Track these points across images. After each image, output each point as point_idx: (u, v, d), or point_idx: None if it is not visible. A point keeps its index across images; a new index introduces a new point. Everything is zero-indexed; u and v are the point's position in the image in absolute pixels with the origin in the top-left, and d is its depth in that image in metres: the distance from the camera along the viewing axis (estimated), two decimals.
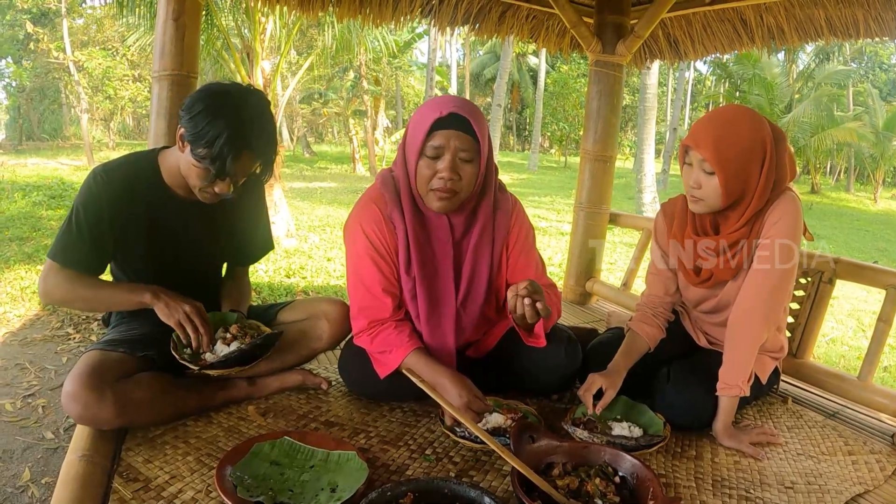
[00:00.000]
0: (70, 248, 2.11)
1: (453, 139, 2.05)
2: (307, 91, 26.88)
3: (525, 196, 18.49)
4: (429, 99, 2.22)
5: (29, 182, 13.82)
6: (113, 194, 2.11)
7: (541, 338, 2.23)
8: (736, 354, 2.25)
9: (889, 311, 2.75)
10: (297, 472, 1.89)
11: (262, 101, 2.13)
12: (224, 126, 1.97)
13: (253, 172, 2.14)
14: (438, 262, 2.27)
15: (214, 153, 1.98)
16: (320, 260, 8.41)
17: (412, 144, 2.11)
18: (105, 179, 2.11)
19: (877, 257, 12.95)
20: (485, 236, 2.30)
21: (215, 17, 8.87)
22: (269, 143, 2.12)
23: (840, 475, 2.14)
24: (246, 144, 2.02)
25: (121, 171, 2.15)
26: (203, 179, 2.06)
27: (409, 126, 2.17)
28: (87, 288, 2.16)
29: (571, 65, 32.60)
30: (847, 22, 3.96)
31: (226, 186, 2.08)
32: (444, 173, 2.06)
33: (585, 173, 4.26)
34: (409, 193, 2.20)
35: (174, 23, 2.93)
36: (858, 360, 2.78)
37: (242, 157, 2.03)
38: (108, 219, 2.12)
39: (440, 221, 2.26)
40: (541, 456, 1.90)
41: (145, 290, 2.13)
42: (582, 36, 4.02)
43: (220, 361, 2.12)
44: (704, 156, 2.13)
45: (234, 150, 1.99)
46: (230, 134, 1.97)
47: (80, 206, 2.10)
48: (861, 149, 26.67)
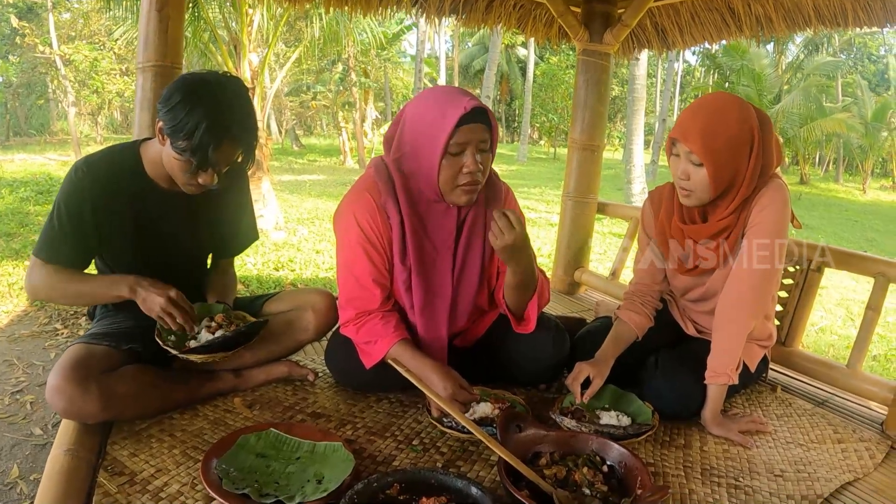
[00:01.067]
0: (53, 244, 2.10)
1: (477, 132, 2.04)
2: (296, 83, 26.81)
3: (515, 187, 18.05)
4: (429, 92, 2.16)
5: (16, 178, 13.73)
6: (95, 188, 2.09)
7: (530, 322, 2.22)
8: (724, 343, 2.25)
9: (877, 299, 2.75)
10: (284, 463, 1.88)
11: (240, 87, 2.10)
12: (202, 115, 1.94)
13: (235, 161, 2.11)
14: (438, 252, 2.25)
15: (195, 144, 1.95)
16: (309, 252, 8.38)
17: (431, 140, 2.05)
18: (86, 173, 2.09)
19: (866, 247, 13.02)
20: (477, 224, 2.29)
21: (202, 10, 8.83)
22: (250, 129, 2.08)
23: (829, 463, 2.15)
24: (226, 133, 1.99)
25: (102, 164, 2.13)
26: (186, 172, 2.03)
27: (423, 119, 2.09)
28: (70, 283, 2.13)
29: (560, 56, 32.61)
30: (835, 11, 3.94)
31: (209, 177, 2.05)
32: (472, 167, 2.05)
33: (573, 163, 4.25)
34: (406, 184, 2.18)
35: (158, 13, 2.90)
36: (847, 349, 2.78)
37: (223, 146, 2.00)
38: (91, 212, 2.09)
39: (446, 214, 2.24)
40: (528, 445, 1.89)
41: (123, 284, 2.10)
42: (569, 25, 4.01)
43: (203, 346, 2.10)
44: (692, 148, 2.11)
45: (214, 139, 1.96)
46: (209, 123, 1.94)
47: (62, 201, 2.08)
48: (850, 139, 26.79)
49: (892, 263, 2.75)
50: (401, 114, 2.19)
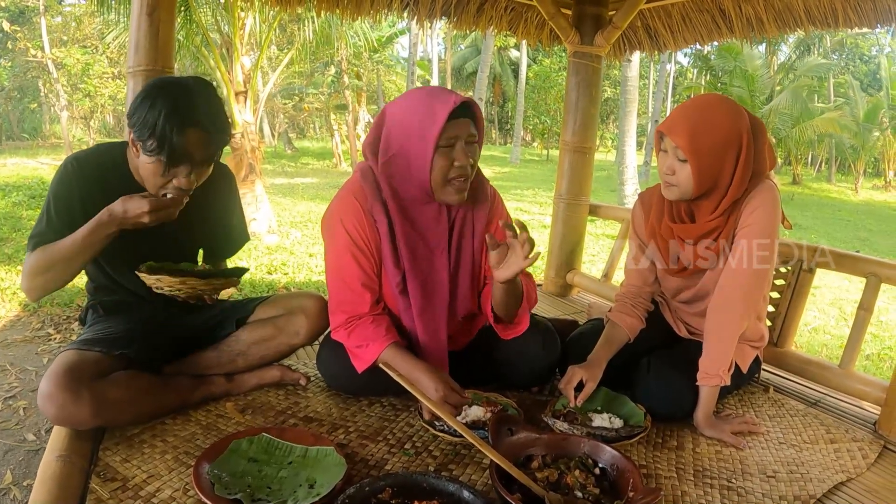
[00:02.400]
0: (42, 235, 2.09)
1: (465, 126, 2.06)
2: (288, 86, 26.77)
3: (507, 189, 18.49)
4: (410, 93, 2.15)
5: (8, 182, 13.67)
6: (84, 183, 2.09)
7: (521, 325, 2.23)
8: (716, 344, 2.25)
9: (869, 299, 2.76)
10: (276, 468, 1.87)
11: (203, 82, 2.11)
12: (162, 105, 1.95)
13: (208, 158, 2.10)
14: (433, 252, 2.26)
15: (159, 133, 1.94)
16: (302, 256, 8.37)
17: (420, 139, 2.05)
18: (76, 168, 2.10)
19: (858, 247, 13.05)
20: (467, 222, 2.30)
21: (194, 13, 8.81)
22: (216, 117, 2.07)
23: (822, 463, 2.15)
24: (189, 119, 1.98)
25: (92, 161, 2.14)
26: (161, 175, 2.02)
27: (409, 120, 2.08)
28: (54, 250, 2.03)
29: (553, 58, 32.65)
30: (826, 12, 3.96)
31: (185, 177, 2.04)
32: (462, 160, 2.06)
33: (565, 164, 4.26)
34: (392, 187, 2.18)
35: (148, 17, 2.89)
36: (840, 349, 2.79)
37: (188, 134, 1.98)
38: (80, 206, 2.09)
39: (438, 214, 2.24)
40: (520, 448, 1.89)
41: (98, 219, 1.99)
42: (560, 27, 4.01)
43: (178, 270, 2.12)
44: (678, 143, 2.12)
45: (176, 124, 1.95)
46: (168, 111, 1.94)
47: (53, 194, 2.09)
48: (842, 140, 26.82)
49: (883, 263, 2.76)
50: (380, 118, 2.18)
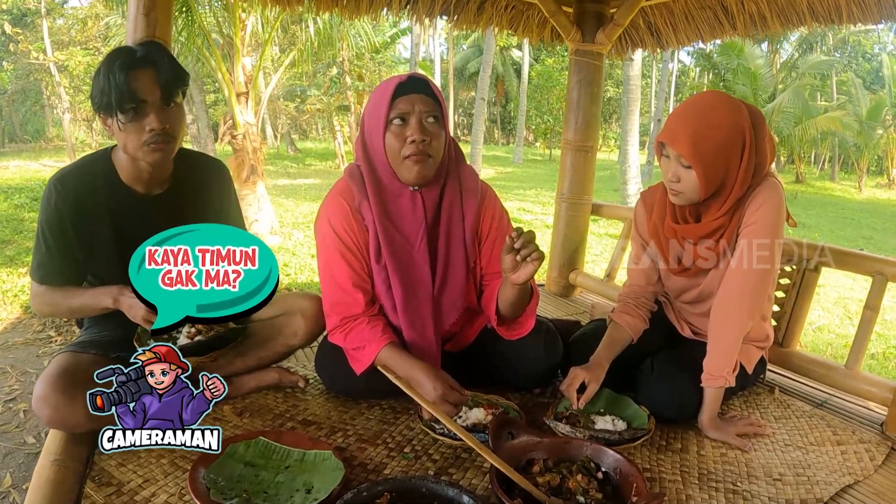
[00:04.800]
0: (43, 265, 2.13)
1: (417, 103, 2.04)
2: (290, 87, 26.81)
3: (510, 189, 18.50)
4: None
5: (11, 184, 13.74)
6: (73, 205, 2.09)
7: (525, 326, 2.22)
8: (720, 345, 2.22)
9: (875, 299, 2.74)
10: (273, 472, 1.86)
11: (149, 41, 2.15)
12: (107, 63, 1.98)
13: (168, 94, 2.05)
14: (412, 246, 2.23)
15: (112, 85, 1.94)
16: (304, 257, 8.38)
17: (375, 120, 2.09)
18: (60, 189, 2.08)
19: (862, 245, 13.02)
20: (454, 214, 2.26)
21: (195, 14, 8.80)
22: (158, 55, 2.06)
23: (829, 466, 2.12)
24: (132, 60, 1.99)
25: (76, 180, 2.12)
26: (132, 130, 2.01)
27: (369, 107, 2.15)
28: (64, 299, 2.16)
29: (556, 58, 32.67)
30: (829, 7, 3.93)
31: (154, 118, 2.01)
32: (416, 135, 2.03)
33: (567, 164, 4.24)
34: (373, 181, 2.17)
35: (145, 18, 2.87)
36: (846, 348, 2.77)
37: (136, 73, 1.98)
38: (73, 229, 2.10)
39: (412, 202, 2.21)
40: (521, 452, 1.87)
41: (107, 294, 2.08)
42: (561, 25, 3.99)
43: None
44: (680, 152, 2.09)
45: (123, 69, 1.95)
46: (112, 61, 1.97)
47: (44, 223, 2.10)
48: (845, 138, 26.82)
49: (889, 262, 2.73)
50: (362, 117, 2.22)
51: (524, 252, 1.87)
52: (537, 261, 1.88)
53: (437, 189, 2.22)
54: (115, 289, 2.06)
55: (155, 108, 2.01)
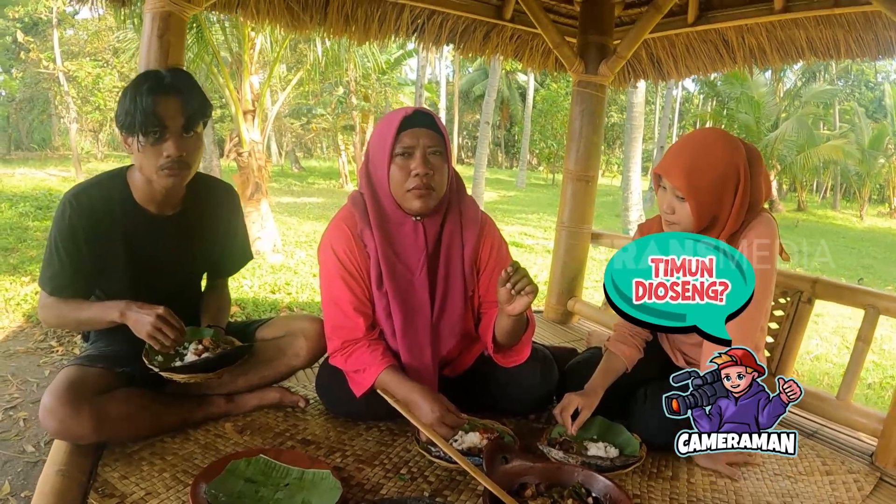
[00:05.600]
0: (54, 278, 2.16)
1: (422, 137, 2.11)
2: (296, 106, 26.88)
3: (512, 213, 18.53)
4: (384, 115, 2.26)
5: (16, 192, 13.74)
6: (87, 221, 2.12)
7: (521, 353, 2.26)
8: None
9: (867, 331, 2.77)
10: (272, 490, 1.88)
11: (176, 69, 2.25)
12: (135, 85, 2.05)
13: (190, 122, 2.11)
14: (412, 273, 2.27)
15: (137, 108, 2.00)
16: (306, 276, 8.37)
17: (380, 152, 2.15)
18: (75, 206, 2.11)
19: (862, 274, 13.02)
20: (454, 244, 2.31)
21: (205, 31, 8.87)
22: (185, 83, 2.12)
23: (817, 495, 2.15)
24: (160, 86, 2.05)
25: (92, 196, 2.16)
26: (153, 157, 2.07)
27: (374, 138, 2.22)
28: (72, 312, 2.20)
29: (561, 83, 32.77)
30: (828, 43, 4.00)
31: (173, 145, 2.06)
32: (420, 168, 2.10)
33: (567, 193, 4.29)
34: (376, 210, 2.22)
35: (159, 40, 2.92)
36: (842, 378, 2.80)
37: (162, 99, 2.03)
38: (86, 245, 2.13)
39: (414, 231, 2.26)
40: (514, 476, 1.89)
41: (114, 309, 2.12)
42: (565, 56, 4.06)
43: (185, 366, 2.12)
44: (676, 185, 2.14)
45: (151, 93, 2.01)
46: (139, 84, 2.04)
47: (58, 236, 2.12)
48: (847, 166, 26.89)
49: (881, 295, 2.77)
50: (367, 146, 2.27)
51: (518, 285, 1.92)
52: (531, 294, 1.93)
53: (438, 219, 2.28)
54: (123, 303, 2.10)
55: (175, 135, 2.06)
